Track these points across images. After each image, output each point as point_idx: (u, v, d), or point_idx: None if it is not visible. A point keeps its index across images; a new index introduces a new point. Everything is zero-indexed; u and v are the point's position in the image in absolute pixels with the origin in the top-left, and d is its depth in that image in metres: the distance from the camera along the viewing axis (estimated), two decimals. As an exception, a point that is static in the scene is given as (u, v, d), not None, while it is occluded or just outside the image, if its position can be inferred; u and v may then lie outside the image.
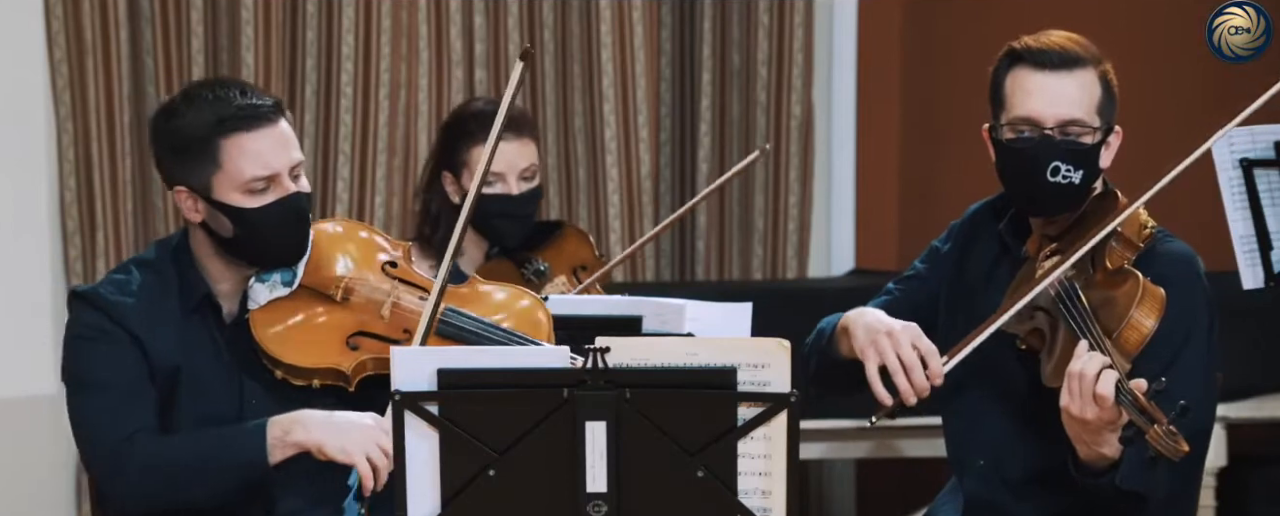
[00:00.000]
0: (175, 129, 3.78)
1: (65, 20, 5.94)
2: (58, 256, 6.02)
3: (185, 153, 3.77)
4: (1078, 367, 3.62)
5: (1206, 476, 5.86)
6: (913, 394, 3.80)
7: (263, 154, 3.75)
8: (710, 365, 3.28)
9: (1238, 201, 3.93)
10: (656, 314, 4.06)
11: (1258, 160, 3.91)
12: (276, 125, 3.77)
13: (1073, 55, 3.89)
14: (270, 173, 3.75)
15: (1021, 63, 3.91)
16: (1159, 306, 3.72)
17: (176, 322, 3.81)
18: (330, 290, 3.83)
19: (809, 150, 6.45)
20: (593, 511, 3.28)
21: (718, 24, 6.42)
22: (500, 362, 3.33)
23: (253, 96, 3.77)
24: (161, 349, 3.78)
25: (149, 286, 3.82)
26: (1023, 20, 6.67)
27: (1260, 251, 3.95)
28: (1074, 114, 3.87)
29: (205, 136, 3.74)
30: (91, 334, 3.78)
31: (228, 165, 3.75)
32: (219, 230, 3.79)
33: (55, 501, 6.00)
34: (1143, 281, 3.74)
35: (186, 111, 3.77)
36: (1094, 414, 3.59)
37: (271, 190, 3.76)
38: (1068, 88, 3.88)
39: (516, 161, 4.83)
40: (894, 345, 3.82)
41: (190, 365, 3.80)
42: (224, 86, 3.79)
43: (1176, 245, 3.93)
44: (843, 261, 6.66)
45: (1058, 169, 3.86)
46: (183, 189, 3.80)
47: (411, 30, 6.17)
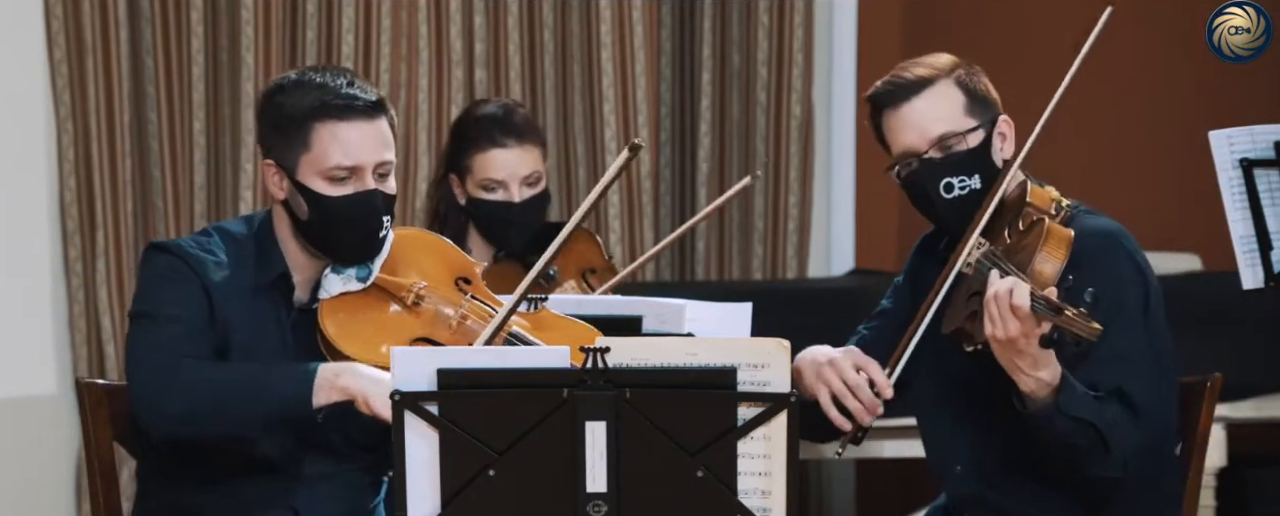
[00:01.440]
0: (278, 105, 3.83)
1: (65, 20, 5.94)
2: (58, 256, 6.02)
3: (282, 130, 3.82)
4: (990, 292, 3.68)
5: (1206, 476, 5.86)
6: (866, 413, 3.87)
7: (350, 144, 3.78)
8: (710, 365, 3.28)
9: (1238, 201, 3.93)
10: (656, 314, 4.06)
11: (1258, 160, 3.91)
12: (374, 121, 3.81)
13: (918, 79, 3.95)
14: (354, 164, 3.78)
15: (879, 105, 3.98)
16: (1064, 245, 3.76)
17: (248, 296, 3.83)
18: (402, 293, 3.84)
19: (809, 150, 6.45)
20: (593, 511, 3.28)
21: (718, 24, 6.42)
22: (500, 362, 3.33)
23: (358, 88, 3.81)
24: (228, 312, 3.80)
25: (230, 253, 3.85)
26: (1023, 20, 6.69)
27: (1260, 251, 3.95)
28: (940, 129, 3.93)
29: (302, 118, 3.79)
30: (166, 273, 3.81)
31: (316, 148, 3.78)
32: (296, 211, 3.83)
33: (55, 501, 6.00)
34: (1048, 224, 3.79)
35: (294, 90, 3.82)
36: (1016, 328, 3.64)
37: (352, 182, 3.79)
38: (927, 108, 3.93)
39: (517, 169, 4.83)
40: (837, 371, 3.89)
41: (252, 339, 3.82)
42: (335, 74, 3.83)
43: (1098, 221, 3.94)
44: (843, 261, 6.66)
45: (950, 184, 3.92)
46: (271, 164, 3.84)
47: (411, 30, 6.17)
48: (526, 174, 4.84)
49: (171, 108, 6.02)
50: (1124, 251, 3.91)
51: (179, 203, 6.04)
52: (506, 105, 4.99)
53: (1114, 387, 3.78)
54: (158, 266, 3.83)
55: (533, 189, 4.86)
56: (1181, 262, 6.37)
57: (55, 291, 6.00)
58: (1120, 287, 3.85)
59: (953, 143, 3.92)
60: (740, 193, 4.81)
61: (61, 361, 6.01)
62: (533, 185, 4.86)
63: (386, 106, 3.85)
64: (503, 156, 4.80)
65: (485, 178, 4.84)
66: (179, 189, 6.04)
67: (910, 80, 3.95)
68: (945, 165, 3.92)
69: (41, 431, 5.96)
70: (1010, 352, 3.69)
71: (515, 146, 4.82)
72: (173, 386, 3.71)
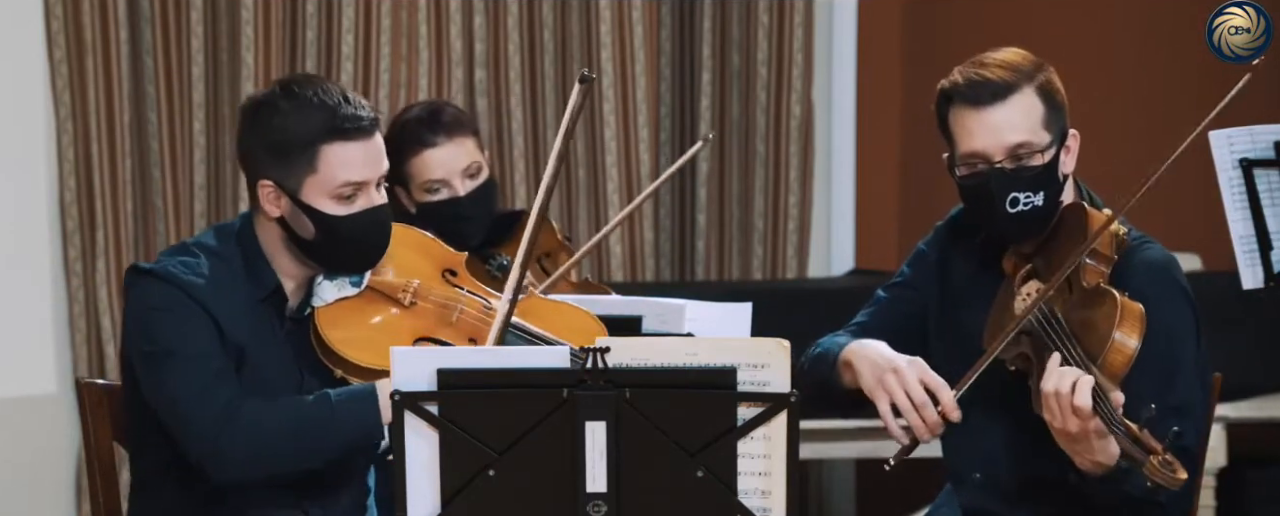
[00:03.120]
0: (278, 127, 3.76)
1: (65, 20, 5.94)
2: (58, 256, 6.02)
3: (282, 151, 3.76)
4: (1051, 386, 3.59)
5: (1206, 476, 5.86)
6: (927, 431, 3.75)
7: (361, 164, 3.76)
8: (710, 365, 3.28)
9: (1238, 201, 3.93)
10: (656, 314, 4.06)
11: (1258, 160, 3.91)
12: (373, 138, 3.79)
13: (1004, 83, 3.82)
14: (363, 180, 3.76)
15: (956, 101, 3.85)
16: (1140, 324, 3.66)
17: (243, 312, 3.79)
18: (399, 294, 3.84)
19: (809, 150, 6.45)
20: (593, 511, 3.28)
21: (718, 24, 6.42)
22: (500, 362, 3.33)
23: (357, 106, 3.77)
24: (233, 330, 3.76)
25: (217, 271, 3.80)
26: (1022, 20, 6.69)
27: (1260, 251, 3.94)
28: (1019, 138, 3.82)
29: (309, 141, 3.74)
30: (168, 306, 3.74)
31: (324, 171, 3.75)
32: (299, 230, 3.79)
33: (55, 501, 6.00)
34: (1120, 300, 3.68)
35: (291, 112, 3.76)
36: (1077, 426, 3.57)
37: (359, 198, 3.77)
38: (1007, 117, 3.82)
39: (454, 164, 4.78)
40: (902, 383, 3.77)
41: (256, 353, 3.79)
42: (327, 95, 3.77)
43: (1152, 252, 3.89)
44: (843, 261, 6.66)
45: (1017, 199, 3.82)
46: (268, 184, 3.78)
47: (411, 30, 6.17)
48: (465, 166, 4.79)
49: (171, 108, 6.02)
50: (1179, 288, 3.85)
51: (179, 203, 6.04)
52: (430, 106, 4.95)
53: (1175, 431, 3.64)
54: (155, 299, 3.75)
55: (475, 180, 4.80)
56: (1181, 263, 6.37)
57: (55, 291, 6.00)
58: (1181, 322, 3.81)
59: (1026, 154, 3.82)
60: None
61: (61, 361, 6.01)
62: (474, 176, 4.81)
63: (377, 121, 3.82)
64: (436, 155, 4.76)
65: (425, 180, 4.80)
66: (179, 189, 6.04)
67: (996, 82, 3.82)
68: (1015, 179, 3.81)
69: (41, 431, 5.96)
70: (1068, 441, 3.62)
71: (446, 142, 4.78)
72: (236, 432, 3.67)
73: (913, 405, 3.75)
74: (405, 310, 3.84)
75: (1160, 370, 3.74)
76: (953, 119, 3.86)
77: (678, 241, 6.51)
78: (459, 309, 3.83)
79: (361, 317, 3.82)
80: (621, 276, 6.32)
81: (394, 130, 4.87)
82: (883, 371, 3.80)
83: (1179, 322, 3.83)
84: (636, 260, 6.40)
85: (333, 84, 3.82)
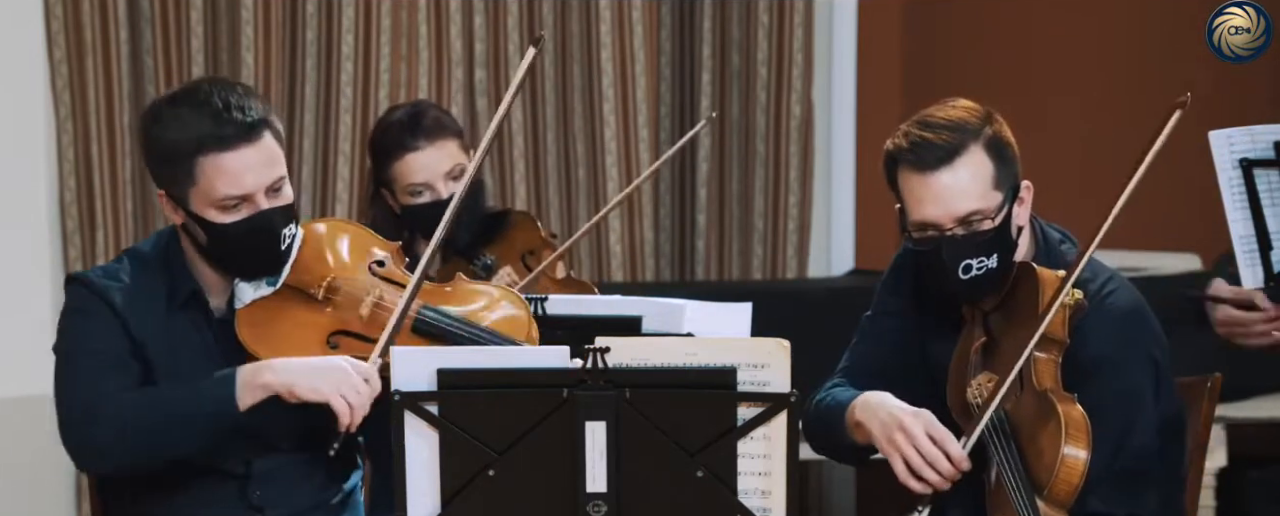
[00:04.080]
0: (156, 138, 3.77)
1: (65, 20, 5.94)
2: (57, 256, 6.02)
3: (164, 163, 3.77)
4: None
5: (1206, 476, 5.86)
6: (944, 483, 3.73)
7: (238, 174, 3.72)
8: (710, 365, 3.28)
9: (1238, 201, 3.93)
10: (656, 314, 4.06)
11: (1258, 160, 3.91)
12: (256, 143, 3.73)
13: (950, 146, 3.75)
14: (243, 192, 3.73)
15: (902, 164, 3.80)
16: (1084, 433, 3.63)
17: (162, 316, 3.81)
18: (312, 289, 3.82)
19: (809, 150, 6.45)
20: (593, 511, 3.28)
21: (718, 24, 6.42)
22: (500, 362, 3.33)
23: (234, 113, 3.72)
24: (152, 340, 3.78)
25: (138, 277, 3.82)
26: (1022, 20, 6.69)
27: (1260, 251, 3.95)
28: (968, 206, 3.76)
29: (183, 153, 3.73)
30: (79, 307, 3.80)
31: (202, 182, 3.73)
32: (195, 237, 3.80)
33: (55, 501, 6.00)
34: (1063, 413, 3.63)
35: (170, 123, 3.75)
36: None
37: (243, 207, 3.74)
38: (956, 182, 3.75)
39: (437, 167, 4.77)
40: (911, 441, 3.73)
41: (175, 359, 3.80)
42: (205, 102, 3.73)
43: (1115, 303, 3.82)
44: (843, 261, 6.66)
45: (970, 266, 3.77)
46: (163, 193, 3.80)
47: (411, 30, 6.17)
48: (448, 169, 4.79)
49: (171, 108, 6.02)
50: (1141, 348, 3.81)
51: (179, 203, 6.04)
52: (414, 108, 4.94)
53: (1128, 513, 3.69)
54: (70, 302, 3.82)
55: (458, 182, 4.81)
56: (1181, 262, 6.37)
57: (55, 291, 5.99)
58: (1138, 391, 3.78)
59: (977, 219, 3.77)
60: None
61: (61, 361, 6.01)
62: (457, 179, 4.80)
63: (266, 121, 3.76)
64: (418, 159, 4.75)
65: (408, 183, 4.79)
66: (179, 189, 6.04)
67: (941, 146, 3.75)
68: (967, 245, 3.76)
69: (41, 431, 5.94)
70: None
71: (427, 146, 4.77)
72: (98, 420, 3.70)
73: (925, 461, 3.73)
74: (318, 305, 3.82)
75: (1114, 436, 3.72)
76: (901, 182, 3.81)
77: (678, 241, 6.51)
78: (372, 299, 3.81)
79: (276, 316, 3.80)
80: (621, 276, 6.32)
81: (377, 133, 4.88)
82: (891, 430, 3.75)
83: (1139, 385, 3.80)
84: (636, 260, 6.40)
85: (223, 89, 3.77)
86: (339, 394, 3.64)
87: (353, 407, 3.64)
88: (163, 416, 3.71)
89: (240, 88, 3.79)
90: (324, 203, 6.15)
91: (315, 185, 6.16)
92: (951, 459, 3.72)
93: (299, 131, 6.12)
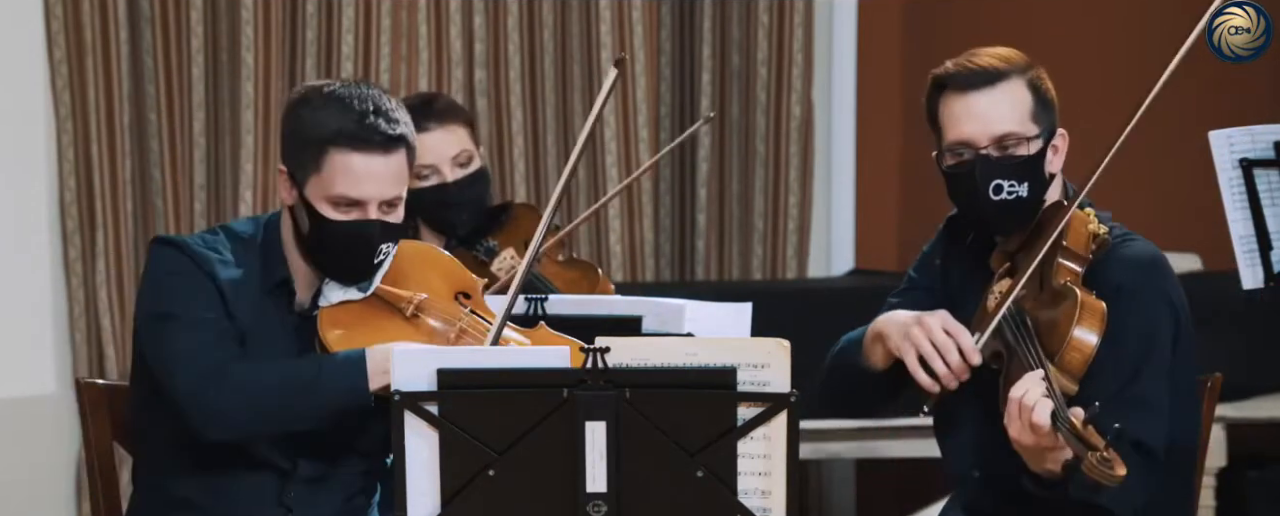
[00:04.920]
0: (300, 117, 3.79)
1: (65, 20, 5.94)
2: (58, 256, 6.02)
3: (298, 143, 3.79)
4: (1017, 394, 3.63)
5: (1206, 476, 5.86)
6: (952, 377, 3.81)
7: (360, 178, 3.75)
8: (710, 365, 3.28)
9: (1238, 201, 3.93)
10: (656, 314, 4.06)
11: (1258, 160, 3.91)
12: (389, 155, 3.76)
13: (995, 71, 3.86)
14: (359, 196, 3.75)
15: (946, 89, 3.88)
16: (1100, 321, 3.69)
17: (254, 296, 3.82)
18: (402, 304, 3.84)
19: (809, 150, 6.45)
20: (593, 511, 3.28)
21: (718, 24, 6.42)
22: (500, 362, 3.33)
23: (381, 120, 3.75)
24: (237, 308, 3.80)
25: (236, 253, 3.84)
26: (1022, 20, 6.69)
27: (1260, 251, 3.94)
28: (1006, 128, 3.84)
29: (318, 140, 3.75)
30: (181, 271, 3.79)
31: (326, 173, 3.75)
32: (299, 222, 3.82)
33: (55, 501, 6.00)
34: (1081, 297, 3.71)
35: (319, 107, 3.77)
36: (1031, 440, 3.61)
37: (354, 211, 3.77)
38: (995, 103, 3.85)
39: (444, 150, 4.78)
40: (926, 332, 3.82)
41: (260, 340, 3.81)
42: (364, 96, 3.77)
43: (1136, 247, 3.89)
44: (843, 261, 6.66)
45: (1000, 187, 3.84)
46: (284, 170, 3.82)
47: (411, 30, 6.17)
48: (455, 153, 4.79)
49: (171, 108, 6.02)
50: (1159, 288, 3.85)
51: (179, 203, 6.04)
52: (426, 94, 4.98)
53: (1132, 440, 3.70)
54: (168, 264, 3.80)
55: (465, 169, 4.80)
56: (1181, 262, 6.37)
57: (55, 291, 6.00)
58: (1153, 328, 3.81)
59: (1012, 144, 3.85)
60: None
61: (61, 361, 6.01)
62: (464, 165, 4.80)
63: (407, 140, 3.80)
64: (426, 140, 4.73)
65: (415, 165, 4.82)
66: (179, 189, 6.04)
67: (984, 69, 3.86)
68: (1000, 166, 3.84)
69: (41, 431, 5.96)
70: (1021, 448, 3.66)
71: (437, 128, 4.77)
72: (224, 390, 3.70)
73: (936, 350, 3.79)
74: (406, 321, 3.84)
75: (1128, 365, 3.74)
76: (942, 107, 3.89)
77: (678, 241, 6.51)
78: (459, 329, 3.83)
79: (361, 322, 3.82)
80: (621, 276, 6.32)
81: None
82: (908, 326, 3.84)
83: (1156, 322, 3.83)
84: (636, 260, 6.40)
85: (384, 96, 3.81)
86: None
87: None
88: (292, 390, 3.72)
89: (396, 102, 3.82)
90: (324, 203, 6.15)
91: (315, 185, 6.15)
92: (963, 351, 3.79)
93: (299, 131, 6.12)
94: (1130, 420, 3.67)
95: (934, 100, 3.91)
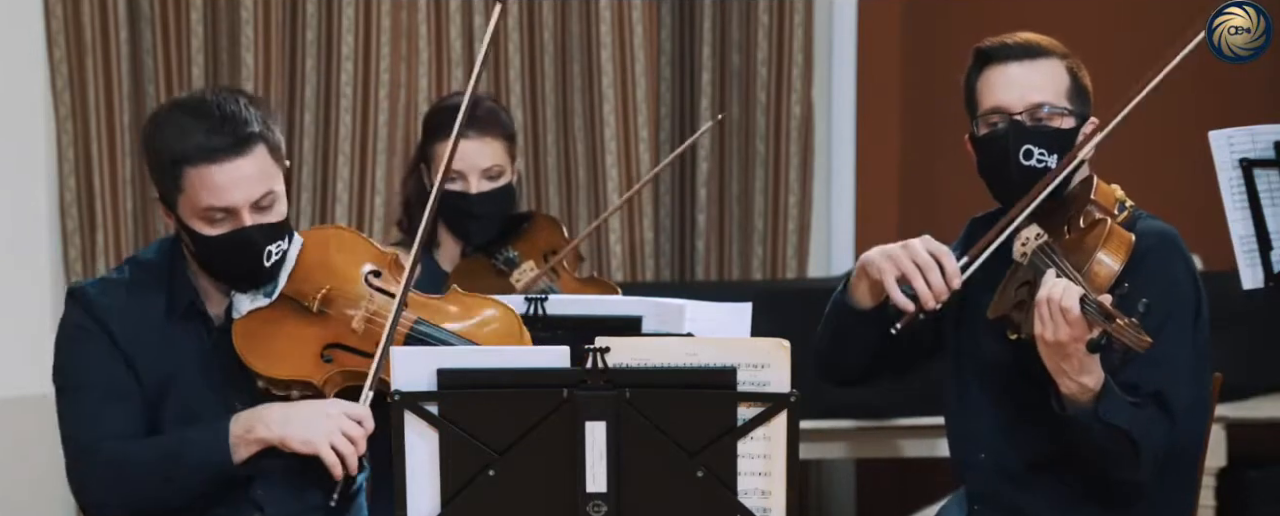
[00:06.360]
0: (153, 145, 3.77)
1: (65, 20, 5.94)
2: (58, 256, 6.02)
3: (157, 169, 3.77)
4: (1043, 294, 3.66)
5: (1206, 476, 5.86)
6: (931, 297, 3.82)
7: (221, 188, 3.70)
8: (710, 365, 3.28)
9: (1237, 201, 3.93)
10: (656, 314, 4.06)
11: (1258, 160, 3.92)
12: (246, 157, 3.71)
13: (1037, 47, 3.96)
14: (226, 205, 3.71)
15: (987, 61, 3.97)
16: (1125, 249, 3.75)
17: (162, 327, 3.81)
18: (308, 301, 3.81)
19: (809, 150, 6.45)
20: (593, 511, 3.28)
21: (718, 24, 6.42)
22: (500, 362, 3.33)
23: (227, 125, 3.70)
24: (145, 354, 3.79)
25: (137, 287, 3.82)
26: (1022, 21, 6.68)
27: (1260, 251, 3.95)
28: (1041, 98, 3.92)
29: (173, 161, 3.72)
30: (73, 332, 3.81)
31: (189, 191, 3.72)
32: (187, 245, 3.81)
33: (54, 501, 6.00)
34: (1110, 224, 3.78)
35: (166, 129, 3.74)
36: (1066, 333, 3.63)
37: (227, 221, 3.73)
38: (1032, 74, 3.94)
39: (477, 160, 4.76)
40: (909, 253, 3.85)
41: (175, 371, 3.80)
42: (202, 112, 3.71)
43: (1156, 223, 3.95)
44: (843, 261, 6.66)
45: (1030, 153, 3.90)
46: (158, 198, 3.81)
47: (411, 30, 6.17)
48: (486, 166, 4.77)
49: (171, 108, 6.02)
50: (1180, 256, 3.91)
51: (179, 203, 6.04)
52: (474, 97, 4.96)
53: (1154, 391, 3.75)
54: (66, 323, 3.82)
55: (493, 182, 4.79)
56: (1181, 263, 6.37)
57: (55, 291, 6.00)
58: (1175, 292, 3.85)
59: (1045, 116, 3.92)
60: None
61: (61, 361, 6.01)
62: (493, 178, 4.79)
63: (261, 135, 3.72)
64: (462, 146, 4.73)
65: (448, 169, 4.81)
66: (179, 189, 6.04)
67: (1030, 45, 3.97)
68: (1032, 132, 3.91)
69: (41, 431, 5.94)
70: (1056, 356, 3.67)
71: (475, 137, 4.75)
72: (94, 471, 3.74)
73: (918, 268, 3.79)
74: (313, 317, 3.80)
75: (1152, 321, 3.74)
76: (980, 80, 3.96)
77: (678, 241, 6.50)
78: (366, 314, 3.78)
79: (272, 328, 3.79)
80: (621, 276, 6.32)
81: (433, 110, 4.92)
82: (893, 250, 3.87)
83: (1180, 286, 3.87)
84: (636, 260, 6.39)
85: (226, 97, 3.75)
86: (329, 444, 3.64)
87: (344, 457, 3.65)
88: (156, 468, 3.72)
89: (244, 98, 3.76)
90: (324, 203, 6.16)
91: (315, 185, 6.16)
92: (945, 272, 3.82)
93: (299, 131, 6.12)
94: (1153, 375, 3.70)
95: (973, 75, 3.98)
